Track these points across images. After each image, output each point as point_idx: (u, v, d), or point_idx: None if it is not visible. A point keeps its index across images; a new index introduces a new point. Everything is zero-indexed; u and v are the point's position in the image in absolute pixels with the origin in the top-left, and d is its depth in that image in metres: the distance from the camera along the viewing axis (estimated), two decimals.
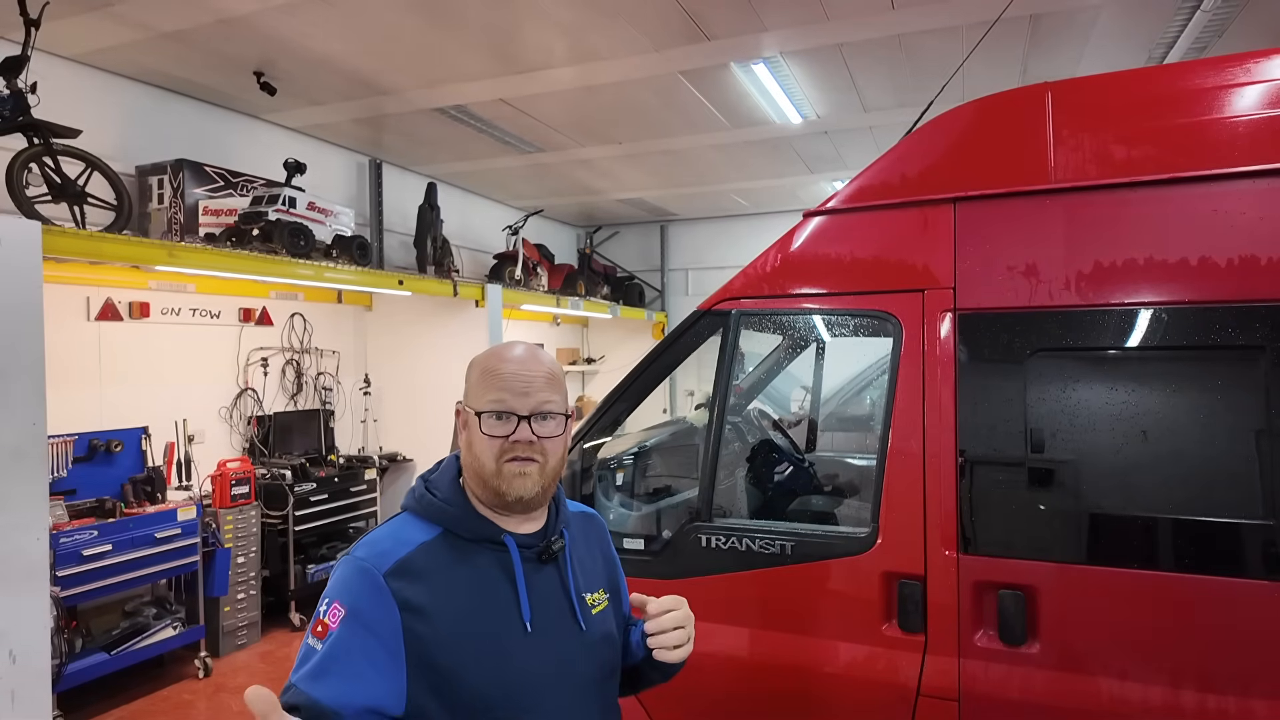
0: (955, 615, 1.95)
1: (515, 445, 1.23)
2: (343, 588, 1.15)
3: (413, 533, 1.23)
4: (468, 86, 5.27)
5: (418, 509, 1.27)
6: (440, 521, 1.24)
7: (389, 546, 1.19)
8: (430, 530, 1.24)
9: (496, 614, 1.20)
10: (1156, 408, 1.88)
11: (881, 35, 4.45)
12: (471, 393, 1.28)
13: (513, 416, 1.23)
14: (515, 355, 1.28)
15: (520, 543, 1.26)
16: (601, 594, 1.37)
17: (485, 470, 1.23)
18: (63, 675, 3.81)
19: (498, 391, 1.24)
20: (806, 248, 2.30)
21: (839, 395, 4.22)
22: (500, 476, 1.23)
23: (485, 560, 1.23)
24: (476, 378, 1.29)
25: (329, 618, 1.13)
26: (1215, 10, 4.02)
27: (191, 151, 5.18)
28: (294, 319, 6.15)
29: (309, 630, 1.16)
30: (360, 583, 1.15)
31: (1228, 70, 1.91)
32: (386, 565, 1.16)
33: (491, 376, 1.26)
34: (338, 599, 1.14)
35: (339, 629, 1.11)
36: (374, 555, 1.18)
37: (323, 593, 1.18)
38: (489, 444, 1.23)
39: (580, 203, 9.32)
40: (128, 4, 3.97)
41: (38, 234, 3.23)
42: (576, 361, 10.29)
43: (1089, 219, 1.94)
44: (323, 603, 1.16)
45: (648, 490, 3.05)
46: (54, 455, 4.21)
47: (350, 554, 1.20)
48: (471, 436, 1.26)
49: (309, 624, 1.17)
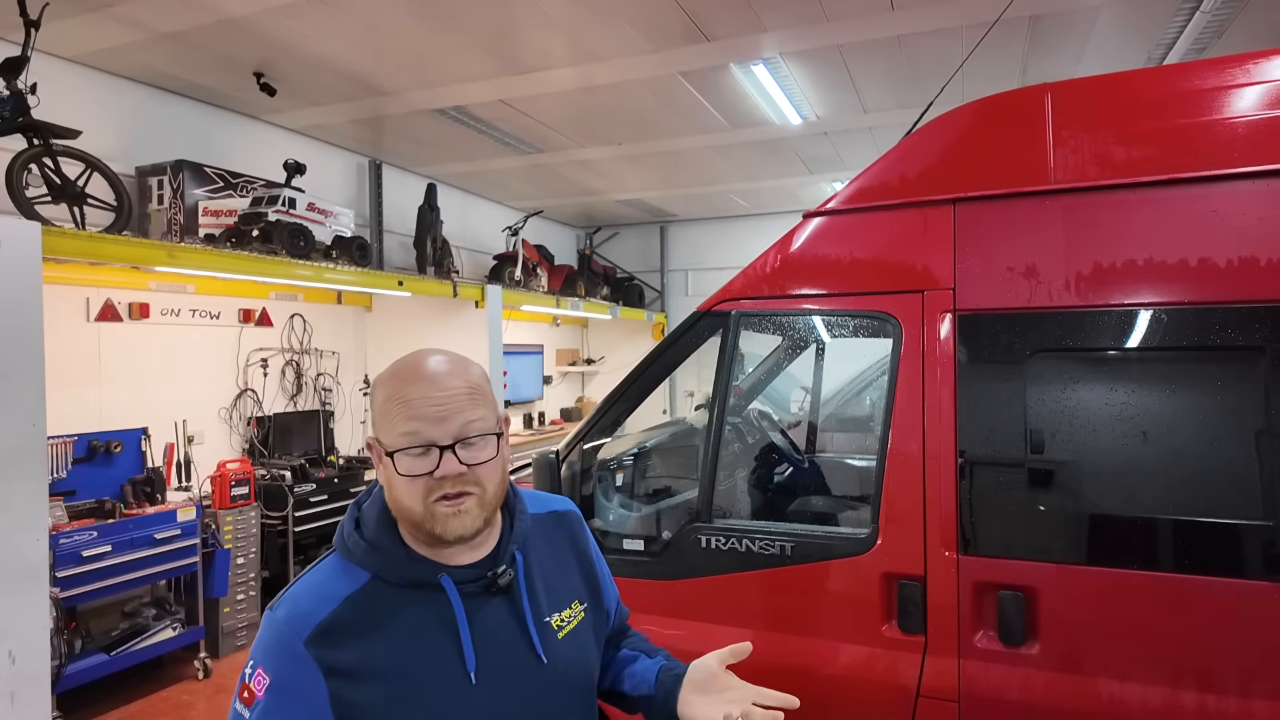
0: (955, 616, 1.95)
1: (442, 482, 1.05)
2: (265, 652, 1.03)
3: (337, 584, 1.07)
4: (467, 87, 5.27)
5: (344, 551, 1.11)
6: (367, 567, 1.08)
7: (311, 605, 1.04)
8: (357, 577, 1.08)
9: (435, 668, 1.06)
10: (1156, 408, 1.88)
11: (881, 36, 4.45)
12: (379, 424, 1.08)
13: (433, 449, 1.04)
14: (424, 372, 1.07)
15: (461, 578, 1.10)
16: (575, 607, 1.24)
17: (412, 514, 1.06)
18: (62, 676, 3.80)
19: (408, 422, 1.04)
20: (806, 248, 2.30)
21: (839, 396, 4.22)
22: (433, 519, 1.05)
23: (419, 608, 1.08)
24: (380, 405, 1.08)
25: (255, 684, 1.02)
26: (1215, 11, 4.02)
27: (191, 152, 5.18)
28: (294, 320, 6.15)
29: (236, 694, 1.05)
30: (280, 650, 1.02)
31: (1227, 71, 1.91)
32: (307, 631, 1.02)
33: (398, 404, 1.05)
34: (261, 665, 1.02)
35: (264, 699, 1.01)
36: (295, 617, 1.03)
37: (251, 647, 1.07)
38: (410, 485, 1.05)
39: (580, 203, 9.32)
40: (128, 5, 3.97)
41: (37, 235, 3.23)
42: (576, 362, 10.29)
43: (1089, 220, 1.94)
44: (249, 664, 1.04)
45: (647, 491, 3.04)
46: (53, 456, 4.22)
47: (272, 609, 1.07)
48: (389, 477, 1.07)
49: (236, 684, 1.05)
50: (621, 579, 2.43)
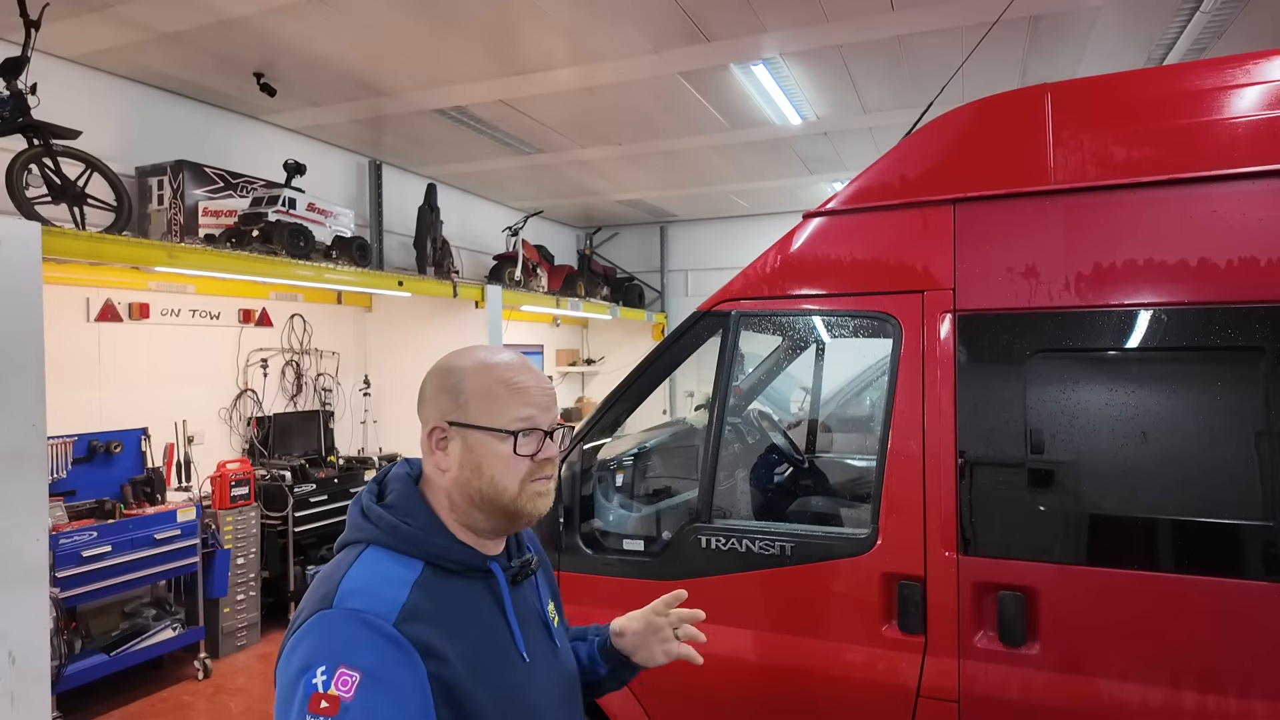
0: (955, 616, 1.95)
1: (544, 465, 1.15)
2: (347, 648, 0.94)
3: (399, 571, 1.07)
4: (467, 88, 5.27)
5: (390, 542, 1.09)
6: (422, 554, 1.09)
7: (386, 590, 1.02)
8: (412, 565, 1.08)
9: (499, 648, 1.12)
10: (1156, 409, 1.88)
11: (881, 36, 4.45)
12: (481, 408, 1.13)
13: (539, 434, 1.14)
14: (526, 365, 1.18)
15: (500, 568, 1.18)
16: (552, 606, 1.31)
17: (506, 494, 1.12)
18: (62, 676, 3.80)
19: (526, 407, 1.13)
20: (806, 249, 2.30)
21: (839, 396, 4.22)
22: (527, 498, 1.13)
23: (475, 591, 1.13)
24: (489, 391, 1.14)
25: (338, 687, 0.91)
26: (1215, 11, 4.02)
27: (191, 152, 5.18)
28: (294, 320, 6.15)
29: (303, 709, 0.91)
30: (370, 639, 0.96)
31: (1227, 71, 1.91)
32: (394, 614, 0.99)
33: (515, 391, 1.14)
34: (344, 663, 0.93)
35: (358, 697, 0.91)
36: (377, 603, 1.00)
37: (303, 661, 0.94)
38: (517, 465, 1.12)
39: (580, 204, 9.32)
40: (128, 5, 3.97)
41: (37, 235, 3.23)
42: (576, 363, 10.29)
43: (1088, 220, 1.94)
44: (318, 671, 0.92)
45: (648, 491, 3.04)
46: (54, 456, 4.22)
47: (336, 607, 0.99)
48: (485, 458, 1.12)
49: (294, 704, 0.92)
50: (621, 579, 2.44)
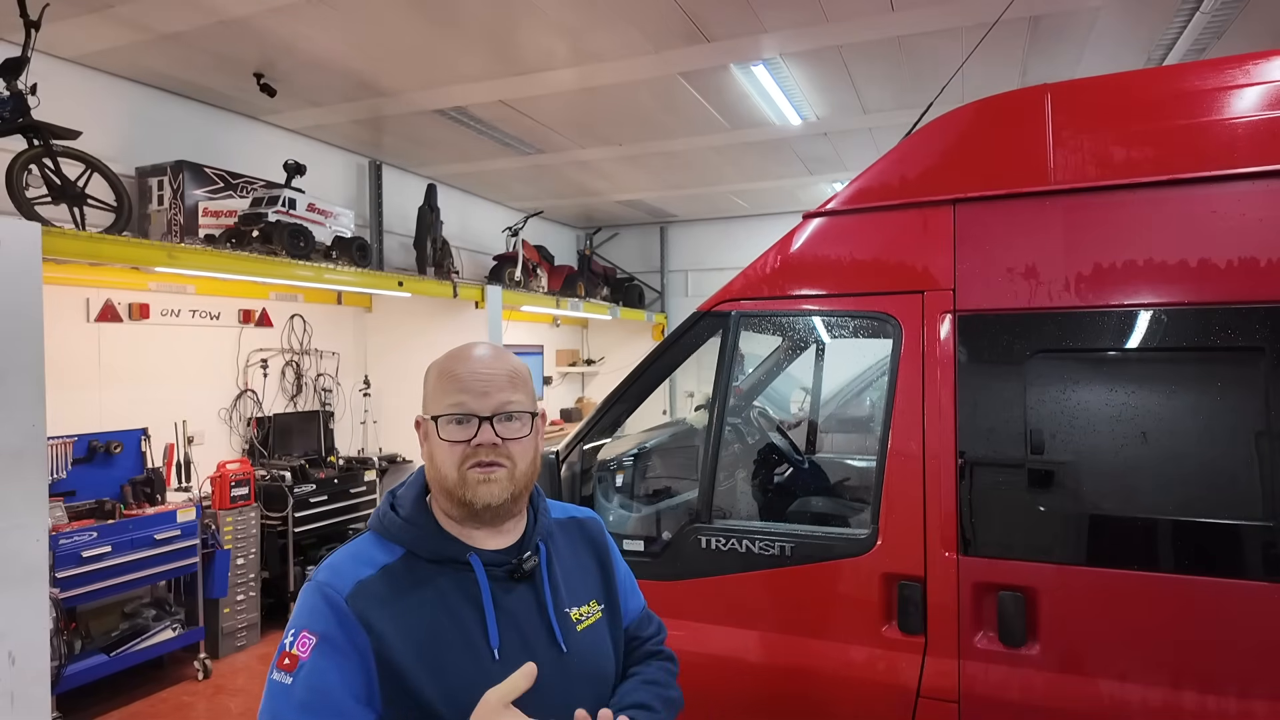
0: (955, 617, 1.95)
1: (478, 450, 1.16)
2: (308, 615, 1.09)
3: (374, 554, 1.17)
4: (467, 88, 5.27)
5: (380, 528, 1.20)
6: (402, 541, 1.18)
7: (350, 569, 1.13)
8: (392, 552, 1.17)
9: (461, 641, 1.12)
10: (1156, 409, 1.88)
11: (881, 37, 4.45)
12: (429, 399, 1.21)
13: (473, 419, 1.16)
14: (474, 355, 1.22)
15: (488, 560, 1.19)
16: (593, 605, 1.29)
17: (448, 480, 1.16)
18: (62, 677, 3.80)
19: (455, 394, 1.17)
20: (806, 249, 2.30)
21: (839, 397, 4.22)
22: (464, 485, 1.16)
23: (449, 583, 1.16)
24: (433, 382, 1.22)
25: (298, 648, 1.07)
26: (1215, 11, 4.03)
27: (191, 153, 5.18)
28: (294, 320, 6.15)
29: (274, 666, 1.08)
30: (325, 608, 1.09)
31: (1227, 72, 1.91)
32: (347, 589, 1.10)
33: (448, 379, 1.19)
34: (306, 627, 1.08)
35: (311, 658, 1.05)
36: (335, 577, 1.12)
37: (288, 623, 1.12)
38: (449, 451, 1.16)
39: (580, 204, 9.32)
40: (128, 5, 3.97)
41: (37, 235, 3.23)
42: (576, 363, 10.29)
43: (1088, 220, 1.94)
44: (288, 634, 1.09)
45: (647, 492, 3.04)
46: (53, 456, 4.21)
47: (313, 579, 1.14)
48: (432, 447, 1.19)
49: (273, 660, 1.09)
50: None
